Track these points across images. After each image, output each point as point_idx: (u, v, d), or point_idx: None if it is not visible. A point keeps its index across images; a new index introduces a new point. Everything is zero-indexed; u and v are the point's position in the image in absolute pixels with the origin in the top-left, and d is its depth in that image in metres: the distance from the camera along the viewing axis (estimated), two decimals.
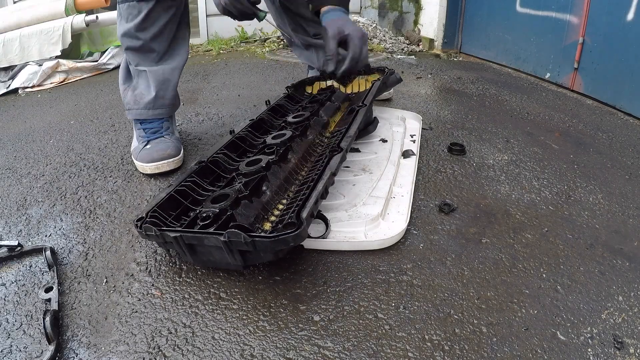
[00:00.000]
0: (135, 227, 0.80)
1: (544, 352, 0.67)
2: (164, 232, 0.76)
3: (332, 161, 0.90)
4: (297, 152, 1.02)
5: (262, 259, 0.75)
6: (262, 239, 0.69)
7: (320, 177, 0.85)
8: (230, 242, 0.70)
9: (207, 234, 0.73)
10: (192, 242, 0.75)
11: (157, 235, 0.76)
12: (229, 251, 0.72)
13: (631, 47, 1.75)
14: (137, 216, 0.82)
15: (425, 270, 0.84)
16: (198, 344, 0.68)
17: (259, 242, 0.69)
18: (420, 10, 3.32)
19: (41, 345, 0.68)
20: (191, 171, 0.97)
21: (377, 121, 1.33)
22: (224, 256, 0.74)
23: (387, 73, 1.48)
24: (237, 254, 0.73)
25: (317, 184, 0.83)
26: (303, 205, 0.76)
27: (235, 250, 0.72)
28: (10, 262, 0.88)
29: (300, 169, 1.00)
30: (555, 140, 1.49)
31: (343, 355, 0.66)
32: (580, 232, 0.97)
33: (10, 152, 1.42)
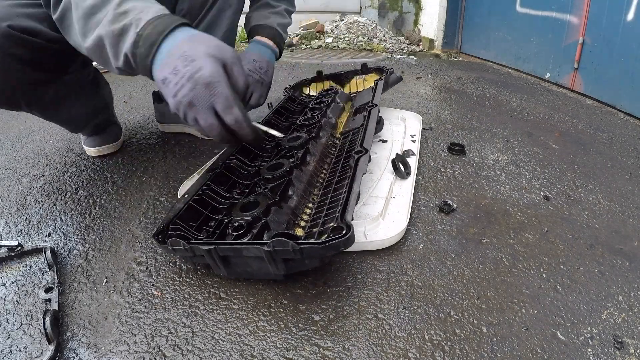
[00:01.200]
0: (156, 241, 0.76)
1: (544, 352, 0.67)
2: (194, 246, 0.72)
3: (361, 163, 0.89)
4: (314, 154, 1.01)
5: (307, 266, 0.72)
6: (311, 245, 0.66)
7: (354, 180, 0.83)
8: (275, 252, 0.67)
9: (247, 245, 0.70)
10: (227, 254, 0.72)
11: (187, 249, 0.72)
12: (272, 261, 0.70)
13: (631, 47, 1.75)
14: (157, 229, 0.78)
15: (425, 270, 0.84)
16: (198, 344, 0.68)
17: (308, 249, 0.66)
18: (420, 10, 3.32)
19: (41, 345, 0.68)
20: (206, 179, 0.93)
21: (383, 121, 1.33)
22: (264, 266, 0.71)
23: (388, 72, 1.48)
24: (280, 263, 0.70)
25: (352, 186, 0.81)
26: (345, 208, 0.74)
27: (279, 259, 0.69)
28: (10, 262, 0.88)
29: (319, 171, 0.99)
30: (555, 140, 1.49)
31: (343, 355, 0.66)
32: (580, 232, 0.97)
33: (10, 152, 1.42)
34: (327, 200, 0.85)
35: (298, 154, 0.97)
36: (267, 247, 0.67)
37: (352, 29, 3.80)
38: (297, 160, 0.95)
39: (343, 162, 0.97)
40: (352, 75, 1.62)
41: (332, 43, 3.52)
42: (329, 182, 0.94)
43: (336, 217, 0.74)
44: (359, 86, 1.59)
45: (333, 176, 0.95)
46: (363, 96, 1.41)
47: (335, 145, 1.12)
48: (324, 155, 1.05)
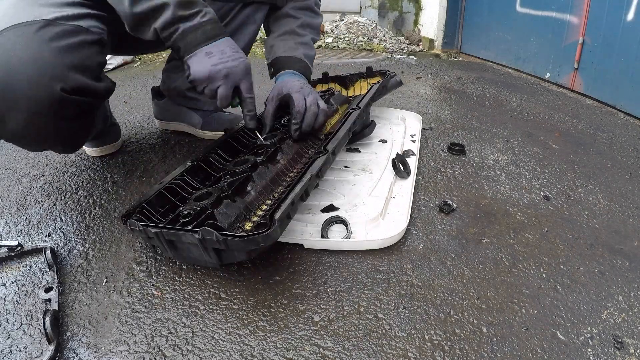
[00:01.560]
0: (122, 221, 0.81)
1: (544, 352, 0.67)
2: (146, 228, 0.77)
3: (315, 163, 0.90)
4: (287, 153, 1.02)
5: (236, 258, 0.75)
6: (233, 237, 0.69)
7: (300, 179, 0.85)
8: (205, 240, 0.70)
9: (184, 231, 0.73)
10: (171, 238, 0.76)
11: (141, 230, 0.77)
12: (204, 249, 0.73)
13: (631, 47, 1.75)
14: (126, 210, 0.84)
15: (426, 270, 0.84)
16: (198, 344, 0.68)
17: (231, 241, 0.69)
18: (420, 10, 3.32)
19: (41, 345, 0.68)
20: (183, 169, 0.98)
21: (375, 124, 1.33)
22: (201, 253, 0.75)
23: (388, 76, 1.48)
24: (212, 252, 0.73)
25: (295, 185, 0.83)
26: (278, 206, 0.76)
27: (210, 248, 0.72)
28: (10, 262, 0.88)
29: (289, 170, 1.00)
30: (555, 140, 1.49)
31: (343, 355, 0.66)
32: (580, 232, 0.97)
33: (10, 152, 1.42)
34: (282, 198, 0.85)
35: (268, 151, 0.99)
36: (197, 235, 0.70)
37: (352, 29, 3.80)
38: (264, 158, 0.96)
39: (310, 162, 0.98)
40: (357, 77, 1.62)
41: (332, 43, 3.52)
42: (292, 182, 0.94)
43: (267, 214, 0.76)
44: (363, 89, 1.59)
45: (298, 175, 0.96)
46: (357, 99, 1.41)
47: (315, 145, 1.12)
48: (299, 155, 1.05)
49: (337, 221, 0.92)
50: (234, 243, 0.69)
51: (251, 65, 0.99)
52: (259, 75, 2.46)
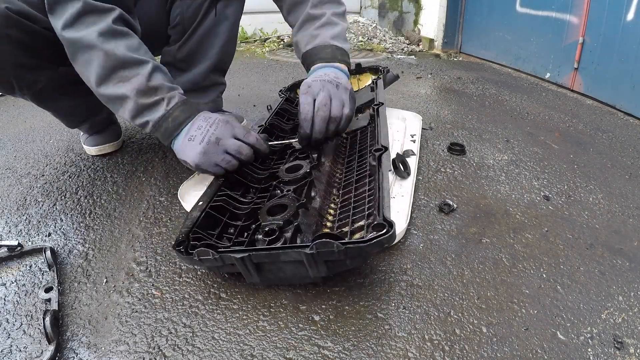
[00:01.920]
0: (178, 253, 0.74)
1: (544, 352, 0.67)
2: (224, 254, 0.70)
3: (384, 161, 0.88)
4: (328, 154, 1.01)
5: (347, 266, 0.71)
6: (355, 244, 0.65)
7: (382, 178, 0.82)
8: (318, 254, 0.66)
9: (286, 249, 0.68)
10: (262, 260, 0.70)
11: (216, 259, 0.70)
12: (313, 263, 0.68)
13: (631, 47, 1.75)
14: (176, 239, 0.76)
15: (425, 270, 0.84)
16: (198, 344, 0.68)
17: (352, 248, 0.65)
18: (420, 10, 3.32)
19: (41, 345, 0.68)
20: (219, 184, 0.91)
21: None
22: (299, 270, 0.70)
23: (384, 71, 1.48)
24: (322, 264, 0.69)
25: (382, 184, 0.80)
26: (380, 206, 0.73)
27: (321, 261, 0.68)
28: (10, 262, 0.88)
29: (334, 171, 0.99)
30: (555, 140, 1.49)
31: (343, 355, 0.66)
32: (580, 232, 0.97)
33: (10, 152, 1.42)
34: (352, 199, 0.84)
35: (313, 154, 0.96)
36: (310, 249, 0.66)
37: (352, 28, 3.80)
38: (315, 161, 0.94)
39: (359, 161, 0.97)
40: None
41: None
42: (347, 182, 0.93)
43: (367, 214, 0.74)
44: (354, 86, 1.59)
45: (350, 175, 0.94)
46: (361, 96, 1.40)
47: (344, 145, 1.12)
48: (336, 155, 1.05)
49: None
50: (357, 250, 0.65)
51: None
52: (257, 75, 2.46)
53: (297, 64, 2.75)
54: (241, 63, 2.69)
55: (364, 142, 1.05)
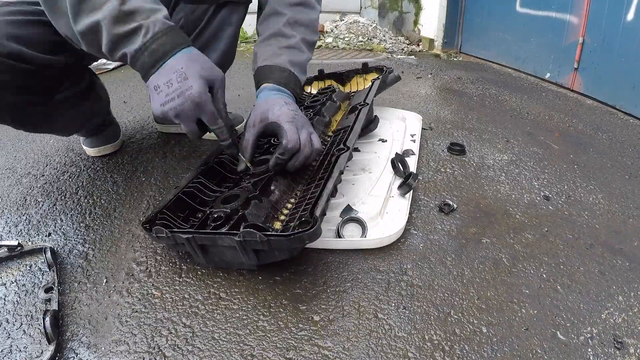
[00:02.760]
0: (144, 229, 0.81)
1: (544, 352, 0.67)
2: (175, 234, 0.76)
3: (340, 160, 0.90)
4: None
5: (277, 257, 0.75)
6: (277, 237, 0.69)
7: (329, 176, 0.85)
8: (245, 242, 0.70)
9: (221, 234, 0.73)
10: (204, 242, 0.76)
11: (169, 237, 0.76)
12: (243, 251, 0.73)
13: (631, 47, 1.75)
14: (146, 218, 0.83)
15: (425, 270, 0.84)
16: (198, 344, 0.68)
17: (275, 240, 0.69)
18: (420, 10, 3.32)
19: (41, 345, 0.68)
20: (197, 172, 0.97)
21: (378, 119, 1.34)
22: (238, 256, 0.75)
23: (386, 72, 1.48)
24: (251, 253, 0.74)
25: (327, 182, 0.83)
26: (315, 203, 0.76)
27: (250, 249, 0.73)
28: (10, 262, 0.88)
29: (306, 168, 1.00)
30: (555, 140, 1.49)
31: (343, 355, 0.66)
32: (580, 232, 0.97)
33: (10, 152, 1.42)
34: (307, 196, 0.86)
35: None
36: (238, 237, 0.70)
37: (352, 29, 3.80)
38: None
39: (328, 160, 0.98)
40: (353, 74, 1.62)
41: (332, 43, 3.52)
42: (313, 179, 0.94)
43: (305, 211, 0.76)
44: (360, 85, 1.59)
45: (317, 173, 0.96)
46: (361, 95, 1.41)
47: (326, 143, 1.13)
48: None
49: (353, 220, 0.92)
50: (278, 242, 0.69)
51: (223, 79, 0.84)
52: None
53: None
54: (241, 63, 2.69)
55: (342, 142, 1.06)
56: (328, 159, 0.97)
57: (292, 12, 1.07)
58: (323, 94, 1.43)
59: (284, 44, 1.03)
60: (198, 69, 0.77)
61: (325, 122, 1.20)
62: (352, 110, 1.26)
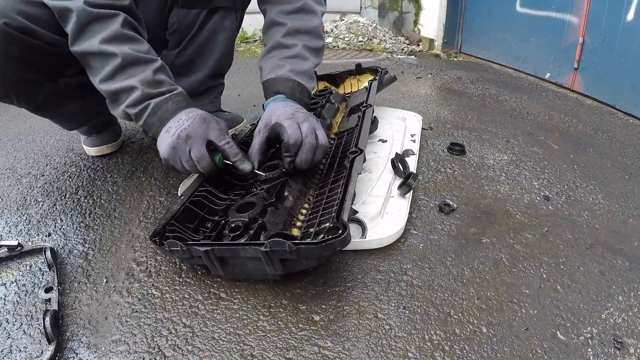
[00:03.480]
0: (153, 242, 0.78)
1: (544, 352, 0.67)
2: (191, 247, 0.72)
3: (356, 163, 0.89)
4: None
5: (304, 266, 0.73)
6: (308, 245, 0.67)
7: (349, 180, 0.84)
8: (272, 252, 0.68)
9: (245, 245, 0.70)
10: (224, 254, 0.73)
11: (184, 251, 0.73)
12: (269, 261, 0.70)
13: (631, 47, 1.75)
14: (154, 231, 0.80)
15: (426, 270, 0.84)
16: (198, 344, 0.68)
17: (305, 249, 0.67)
18: (420, 10, 3.32)
19: (41, 345, 0.68)
20: (202, 180, 0.94)
21: (377, 121, 1.34)
22: (260, 267, 0.72)
23: (382, 72, 1.48)
24: (277, 263, 0.71)
25: (347, 187, 0.81)
26: (341, 208, 0.75)
27: (276, 259, 0.70)
28: (10, 262, 0.88)
29: (314, 172, 1.00)
30: (555, 140, 1.49)
31: (343, 355, 0.66)
32: (580, 232, 0.97)
33: (10, 152, 1.42)
34: (323, 201, 0.85)
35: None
36: (264, 247, 0.68)
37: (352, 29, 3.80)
38: None
39: (338, 163, 0.97)
40: (346, 75, 1.62)
41: (332, 43, 3.52)
42: (325, 183, 0.94)
43: (332, 217, 0.74)
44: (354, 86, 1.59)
45: (328, 177, 0.95)
46: (357, 97, 1.41)
47: (330, 145, 1.12)
48: None
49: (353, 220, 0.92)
50: (308, 250, 0.67)
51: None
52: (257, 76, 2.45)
53: None
54: (241, 63, 2.69)
55: (348, 144, 1.07)
56: (337, 162, 0.97)
57: (291, 20, 1.06)
58: (321, 96, 1.43)
59: (286, 55, 1.04)
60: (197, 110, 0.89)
61: (327, 125, 1.20)
62: (352, 111, 1.26)
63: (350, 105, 1.35)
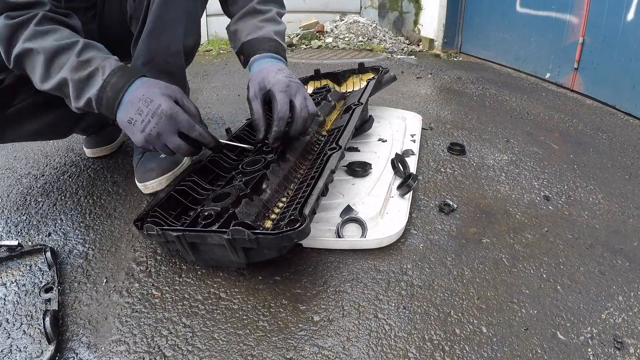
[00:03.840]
0: (135, 226, 0.81)
1: (544, 352, 0.67)
2: (166, 231, 0.76)
3: (331, 159, 0.90)
4: (295, 150, 1.02)
5: (266, 256, 0.75)
6: (266, 235, 0.69)
7: (320, 175, 0.85)
8: (234, 240, 0.70)
9: (210, 232, 0.73)
10: (194, 240, 0.76)
11: (159, 235, 0.76)
12: (232, 249, 0.73)
13: (631, 47, 1.75)
14: (138, 216, 0.83)
15: (426, 270, 0.84)
16: (198, 344, 0.68)
17: (263, 239, 0.69)
18: (420, 10, 3.32)
19: (41, 345, 0.68)
20: (190, 171, 0.98)
21: (373, 119, 1.34)
22: (227, 254, 0.75)
23: (382, 72, 1.48)
24: (240, 251, 0.74)
25: (317, 181, 0.83)
26: (305, 202, 0.76)
27: (239, 247, 0.73)
28: (10, 262, 0.88)
29: (298, 167, 1.01)
30: (555, 140, 1.49)
31: (343, 355, 0.66)
32: (580, 232, 0.97)
33: (10, 152, 1.42)
34: (299, 195, 0.86)
35: (278, 149, 0.98)
36: (227, 235, 0.70)
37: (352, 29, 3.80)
38: (275, 156, 0.96)
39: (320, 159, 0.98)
40: (349, 74, 1.63)
41: (332, 43, 3.52)
42: (305, 178, 0.95)
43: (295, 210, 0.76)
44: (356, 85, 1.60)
45: (309, 172, 0.96)
46: (356, 95, 1.41)
47: (320, 142, 1.13)
48: (306, 152, 1.06)
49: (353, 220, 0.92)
50: (266, 241, 0.70)
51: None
52: None
53: (295, 64, 2.75)
54: None
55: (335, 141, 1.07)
56: (321, 158, 0.97)
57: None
58: (318, 93, 1.43)
59: (263, 18, 1.08)
60: (157, 90, 0.83)
61: (319, 122, 1.20)
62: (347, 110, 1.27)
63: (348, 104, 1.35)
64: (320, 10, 4.05)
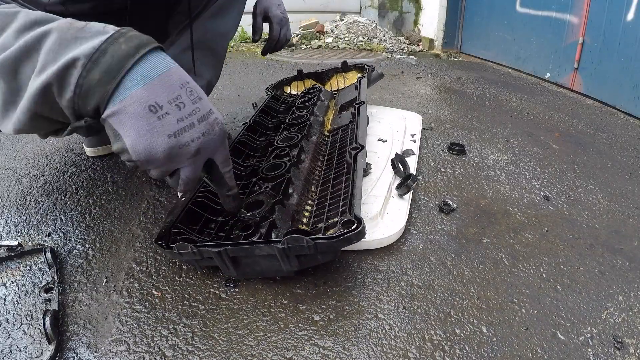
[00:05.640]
0: (160, 247, 0.77)
1: (544, 352, 0.67)
2: (202, 249, 0.72)
3: (358, 158, 0.91)
4: (308, 152, 1.02)
5: (319, 260, 0.73)
6: (325, 240, 0.68)
7: (355, 175, 0.85)
8: (290, 249, 0.68)
9: (260, 244, 0.71)
10: (237, 254, 0.73)
11: (194, 252, 0.73)
12: (285, 258, 0.71)
13: (631, 47, 1.75)
14: (158, 234, 0.79)
15: (425, 270, 0.84)
16: (198, 344, 0.68)
17: (322, 244, 0.68)
18: (420, 10, 3.32)
19: (41, 345, 0.68)
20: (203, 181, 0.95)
21: (368, 118, 1.34)
22: (274, 264, 0.73)
23: (369, 70, 1.50)
24: (293, 259, 0.72)
25: (355, 182, 0.83)
26: (351, 203, 0.76)
27: (293, 256, 0.71)
28: (10, 262, 0.88)
29: (314, 169, 1.01)
30: (555, 140, 1.49)
31: (343, 355, 0.66)
32: (580, 232, 0.97)
33: (10, 152, 1.42)
34: (328, 197, 0.85)
35: (293, 152, 0.98)
36: (281, 244, 0.68)
37: (352, 29, 3.80)
38: (294, 159, 0.95)
39: (338, 159, 0.98)
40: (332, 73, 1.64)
41: (332, 43, 3.52)
42: (326, 179, 0.95)
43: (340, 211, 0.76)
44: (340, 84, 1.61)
45: (328, 173, 0.96)
46: (346, 94, 1.42)
47: (325, 143, 1.13)
48: (317, 153, 1.06)
49: None
50: (326, 245, 0.68)
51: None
52: (257, 75, 2.45)
53: (296, 64, 2.75)
54: (241, 63, 2.69)
55: (344, 140, 1.08)
56: (336, 158, 0.98)
57: None
58: (311, 94, 1.44)
59: None
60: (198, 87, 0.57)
61: (320, 122, 1.21)
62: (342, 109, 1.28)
63: (340, 103, 1.36)
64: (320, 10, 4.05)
